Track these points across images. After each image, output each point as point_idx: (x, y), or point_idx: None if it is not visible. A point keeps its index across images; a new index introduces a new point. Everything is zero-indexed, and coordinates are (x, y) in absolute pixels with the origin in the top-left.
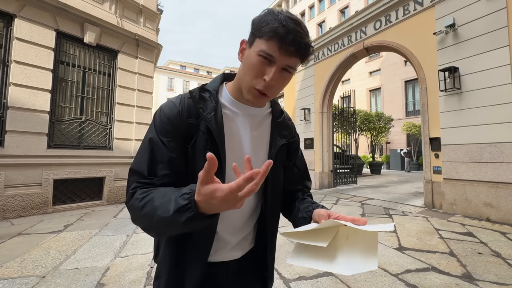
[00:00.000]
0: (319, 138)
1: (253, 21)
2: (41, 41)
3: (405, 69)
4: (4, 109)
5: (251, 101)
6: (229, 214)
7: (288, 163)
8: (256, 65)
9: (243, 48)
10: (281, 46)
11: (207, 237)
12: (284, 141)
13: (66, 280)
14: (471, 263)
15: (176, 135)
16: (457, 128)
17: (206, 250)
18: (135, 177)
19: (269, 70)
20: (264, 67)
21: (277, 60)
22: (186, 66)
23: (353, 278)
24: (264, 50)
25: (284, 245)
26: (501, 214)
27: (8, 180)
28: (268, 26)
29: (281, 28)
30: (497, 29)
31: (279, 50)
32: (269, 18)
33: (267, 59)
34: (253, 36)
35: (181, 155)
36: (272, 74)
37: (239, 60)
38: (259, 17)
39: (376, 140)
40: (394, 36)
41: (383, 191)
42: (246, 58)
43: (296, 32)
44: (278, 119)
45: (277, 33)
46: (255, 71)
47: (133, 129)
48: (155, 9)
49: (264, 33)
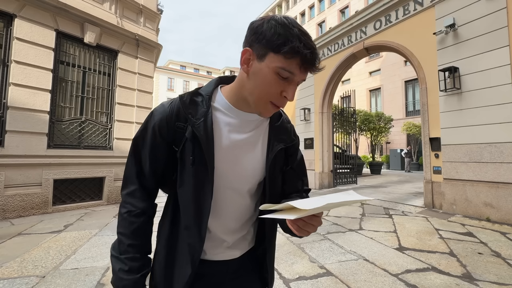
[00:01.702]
0: (319, 138)
1: (257, 31)
2: (41, 41)
3: (405, 69)
4: (4, 109)
5: (263, 113)
6: (224, 215)
7: (285, 168)
8: (273, 82)
9: (248, 58)
10: (302, 65)
11: (197, 236)
12: (282, 146)
13: (66, 280)
14: (471, 263)
15: (162, 140)
16: (457, 128)
17: (197, 250)
18: (126, 181)
19: (288, 87)
20: (282, 84)
21: (297, 77)
22: (186, 66)
23: (353, 278)
24: (285, 68)
25: (284, 245)
26: (501, 214)
27: (8, 180)
28: (286, 44)
29: (302, 47)
30: (497, 29)
31: (299, 68)
32: (281, 32)
33: (286, 77)
34: (265, 49)
35: (167, 158)
36: (292, 92)
37: (244, 70)
38: (266, 27)
39: (376, 140)
40: (394, 36)
41: (383, 191)
42: (259, 73)
43: (314, 49)
44: (276, 123)
45: (299, 53)
46: (272, 88)
47: (133, 129)
48: (155, 9)
49: (282, 50)
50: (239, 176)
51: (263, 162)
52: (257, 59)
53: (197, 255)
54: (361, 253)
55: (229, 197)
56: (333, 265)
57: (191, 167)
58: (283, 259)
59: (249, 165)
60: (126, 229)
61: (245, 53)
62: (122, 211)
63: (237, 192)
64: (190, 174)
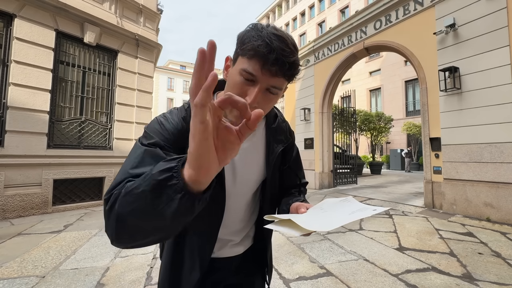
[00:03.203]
0: (319, 138)
1: (238, 37)
2: (41, 41)
3: (405, 69)
4: (4, 109)
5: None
6: (231, 218)
7: (283, 167)
8: (237, 85)
9: (228, 65)
10: (263, 66)
11: (208, 243)
12: (281, 147)
13: (66, 280)
14: (471, 263)
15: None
16: (457, 128)
17: (206, 256)
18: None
19: (251, 90)
20: (246, 87)
21: (260, 80)
22: (186, 66)
23: (353, 279)
24: (245, 69)
25: (284, 245)
26: (501, 214)
27: (8, 180)
28: (250, 43)
29: (263, 46)
30: (497, 29)
31: (261, 70)
32: (251, 34)
33: (249, 79)
34: (236, 53)
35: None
36: (254, 95)
37: (224, 77)
38: (243, 33)
39: (376, 140)
40: (394, 36)
41: (383, 191)
42: (230, 76)
43: (279, 50)
44: (273, 125)
45: (258, 52)
46: (236, 91)
47: (133, 129)
48: (155, 9)
49: (246, 51)
50: (245, 182)
51: (264, 165)
52: (232, 65)
53: (205, 261)
54: (361, 253)
55: (236, 202)
56: (333, 265)
57: None
58: (283, 259)
59: (253, 171)
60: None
61: (227, 61)
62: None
63: (243, 196)
64: None
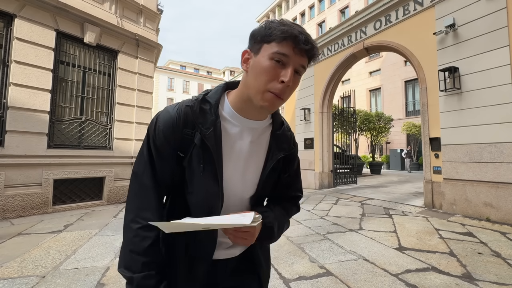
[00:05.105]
0: (319, 138)
1: (254, 33)
2: (41, 41)
3: (405, 69)
4: (4, 109)
5: (264, 106)
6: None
7: (283, 175)
8: (268, 68)
9: (247, 58)
10: (295, 46)
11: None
12: (282, 155)
13: (66, 280)
14: (471, 263)
15: (168, 147)
16: (457, 128)
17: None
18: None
19: (284, 72)
20: (278, 69)
21: (292, 60)
22: (186, 66)
23: (353, 278)
24: (278, 51)
25: (284, 245)
26: (501, 214)
27: (8, 180)
28: (278, 29)
29: (293, 29)
30: (497, 29)
31: (293, 49)
32: (273, 26)
33: (280, 61)
34: (260, 43)
35: (174, 165)
36: (289, 74)
37: (244, 69)
38: (262, 27)
39: (376, 140)
40: (394, 36)
41: (383, 191)
42: (255, 65)
43: (305, 33)
44: (278, 131)
45: (291, 34)
46: (269, 74)
47: (133, 129)
48: (155, 9)
49: (275, 37)
50: (244, 183)
51: (260, 170)
52: (254, 55)
53: (207, 262)
54: (361, 253)
55: (233, 203)
56: (333, 265)
57: (201, 175)
58: (283, 259)
59: (252, 173)
60: (138, 246)
61: (244, 54)
62: (134, 227)
63: (239, 198)
64: (200, 182)
